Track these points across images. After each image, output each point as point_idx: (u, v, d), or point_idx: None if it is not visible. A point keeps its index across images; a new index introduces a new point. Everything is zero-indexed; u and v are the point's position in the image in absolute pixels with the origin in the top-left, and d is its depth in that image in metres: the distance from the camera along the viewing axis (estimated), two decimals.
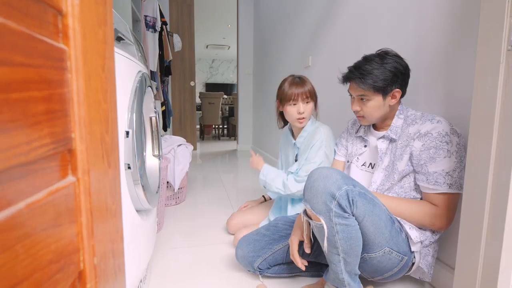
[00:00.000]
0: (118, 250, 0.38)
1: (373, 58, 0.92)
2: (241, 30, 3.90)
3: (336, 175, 0.75)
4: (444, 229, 0.85)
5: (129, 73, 0.75)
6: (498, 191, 0.61)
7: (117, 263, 0.37)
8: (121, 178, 0.68)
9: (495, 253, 0.61)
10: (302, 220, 0.90)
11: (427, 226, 0.86)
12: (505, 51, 0.59)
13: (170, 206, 1.78)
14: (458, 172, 0.82)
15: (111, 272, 0.35)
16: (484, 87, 0.63)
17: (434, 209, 0.84)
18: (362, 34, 1.46)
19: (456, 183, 0.82)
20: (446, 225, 0.84)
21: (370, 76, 0.89)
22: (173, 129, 3.87)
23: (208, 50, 8.10)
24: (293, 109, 1.17)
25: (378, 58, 0.91)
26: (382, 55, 0.92)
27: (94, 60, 0.31)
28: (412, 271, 0.94)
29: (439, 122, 0.85)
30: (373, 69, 0.89)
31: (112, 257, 0.36)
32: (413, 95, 1.11)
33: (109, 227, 0.35)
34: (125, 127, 0.71)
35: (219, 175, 2.68)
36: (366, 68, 0.90)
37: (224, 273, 1.09)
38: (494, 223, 0.62)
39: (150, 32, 2.67)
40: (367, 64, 0.91)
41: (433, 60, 1.03)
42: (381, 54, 0.92)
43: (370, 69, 0.90)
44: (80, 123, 0.28)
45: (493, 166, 0.62)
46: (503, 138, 0.60)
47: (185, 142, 1.85)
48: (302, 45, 2.24)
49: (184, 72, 3.82)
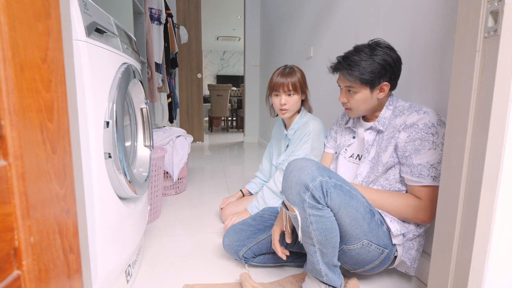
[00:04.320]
0: (69, 231, 0.40)
1: (363, 49, 0.89)
2: (248, 21, 3.87)
3: (311, 166, 0.75)
4: (427, 222, 0.84)
5: (109, 64, 0.77)
6: (472, 184, 0.59)
7: (67, 244, 0.40)
8: (100, 166, 0.71)
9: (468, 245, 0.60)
10: (283, 210, 0.91)
11: (410, 219, 0.85)
12: (481, 38, 0.56)
13: (169, 196, 1.83)
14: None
15: (57, 251, 0.37)
16: (460, 76, 0.61)
17: (418, 202, 0.83)
18: (360, 23, 1.42)
19: (440, 175, 0.80)
20: (429, 218, 0.83)
21: (357, 68, 0.87)
22: (180, 121, 3.93)
23: (218, 42, 8.09)
24: (276, 100, 1.18)
25: (368, 49, 0.89)
26: (372, 46, 0.89)
27: (29, 51, 0.32)
28: (397, 265, 0.93)
29: (425, 113, 0.83)
30: (361, 60, 0.87)
31: (59, 238, 0.38)
32: (407, 85, 1.08)
33: (54, 210, 0.37)
34: (105, 117, 0.73)
35: (222, 166, 2.71)
36: (354, 59, 0.88)
37: (212, 260, 1.12)
38: (467, 216, 0.61)
39: (155, 24, 2.70)
40: (356, 55, 0.89)
41: (427, 50, 1.00)
42: (372, 45, 0.90)
43: (358, 60, 0.88)
44: (10, 111, 0.30)
45: (468, 159, 0.60)
46: (478, 130, 0.58)
47: (185, 134, 1.88)
48: (304, 36, 2.20)
49: (192, 64, 3.84)
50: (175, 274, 1.04)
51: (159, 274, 1.04)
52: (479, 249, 0.58)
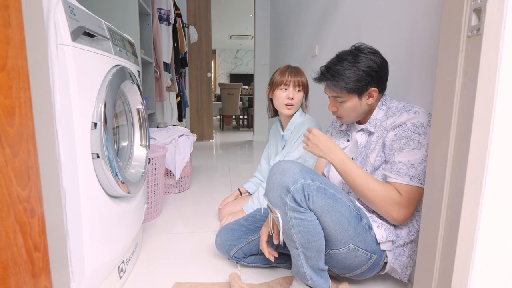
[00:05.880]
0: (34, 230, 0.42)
1: (345, 57, 0.87)
2: (258, 19, 3.86)
3: (294, 169, 0.74)
4: (398, 221, 0.80)
5: (98, 67, 0.79)
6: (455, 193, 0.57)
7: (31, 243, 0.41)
8: (87, 166, 0.74)
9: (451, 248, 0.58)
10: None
11: (383, 212, 0.80)
12: (465, 38, 0.54)
13: (172, 194, 1.86)
14: (425, 166, 0.76)
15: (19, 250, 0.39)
16: (444, 78, 0.58)
17: (398, 198, 0.79)
18: (361, 20, 1.39)
19: (419, 176, 0.77)
20: (401, 217, 0.79)
21: (341, 78, 0.85)
22: (190, 120, 3.99)
23: (232, 40, 8.12)
24: (282, 94, 1.17)
25: (351, 57, 0.86)
26: (355, 53, 0.86)
27: None
28: (389, 271, 0.91)
29: (416, 113, 0.80)
30: (344, 69, 0.84)
31: (22, 237, 0.40)
32: (405, 85, 1.04)
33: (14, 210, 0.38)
34: (93, 118, 0.76)
35: (228, 165, 2.73)
36: (337, 70, 0.86)
37: (206, 259, 1.13)
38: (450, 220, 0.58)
39: (164, 25, 2.74)
40: (339, 64, 0.86)
41: (426, 49, 0.96)
42: (354, 52, 0.87)
43: (341, 70, 0.85)
44: None
45: (451, 166, 0.57)
46: (461, 135, 0.55)
47: (188, 133, 1.91)
48: (310, 34, 2.17)
49: (201, 63, 3.88)
50: (169, 271, 1.06)
51: (153, 271, 1.06)
52: (461, 260, 0.56)
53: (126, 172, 1.07)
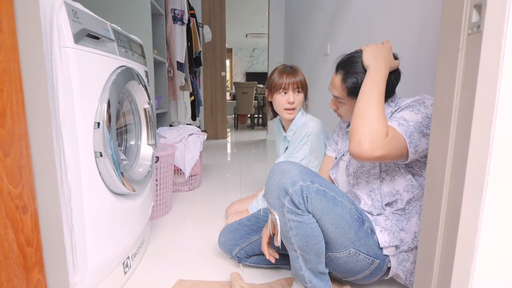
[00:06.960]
0: (26, 226, 0.44)
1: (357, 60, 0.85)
2: (272, 18, 3.84)
3: (293, 170, 0.73)
4: (362, 154, 0.71)
5: (102, 68, 0.81)
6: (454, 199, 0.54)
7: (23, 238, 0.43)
8: (90, 164, 0.76)
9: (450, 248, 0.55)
10: None
11: (356, 140, 0.72)
12: (465, 35, 0.51)
13: (182, 192, 1.90)
14: (415, 127, 0.73)
15: (10, 245, 0.41)
16: (444, 77, 0.55)
17: (384, 135, 0.71)
18: (372, 18, 1.35)
19: (407, 130, 0.72)
20: (366, 148, 0.70)
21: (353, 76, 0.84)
22: (205, 119, 4.04)
23: (248, 39, 8.13)
24: (282, 99, 1.15)
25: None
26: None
27: None
28: (394, 276, 0.88)
29: (421, 96, 0.79)
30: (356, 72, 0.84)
31: (13, 233, 0.42)
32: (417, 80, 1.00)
33: (6, 207, 0.40)
34: (95, 118, 0.78)
35: (239, 164, 2.74)
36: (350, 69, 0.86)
37: (209, 258, 1.15)
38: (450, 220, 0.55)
39: (178, 25, 2.78)
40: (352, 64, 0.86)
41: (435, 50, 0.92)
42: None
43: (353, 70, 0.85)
44: None
45: (451, 170, 0.55)
46: (461, 138, 0.52)
47: (198, 132, 1.93)
48: (322, 33, 2.14)
49: (216, 63, 3.92)
50: (173, 268, 1.08)
51: (157, 267, 1.09)
52: (460, 268, 0.53)
53: (132, 170, 1.10)
